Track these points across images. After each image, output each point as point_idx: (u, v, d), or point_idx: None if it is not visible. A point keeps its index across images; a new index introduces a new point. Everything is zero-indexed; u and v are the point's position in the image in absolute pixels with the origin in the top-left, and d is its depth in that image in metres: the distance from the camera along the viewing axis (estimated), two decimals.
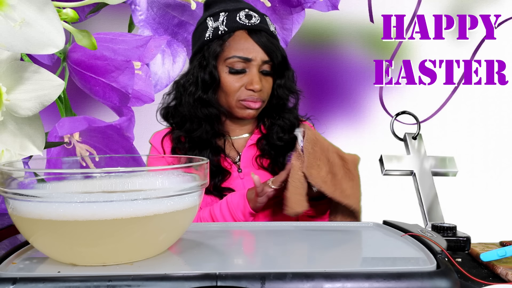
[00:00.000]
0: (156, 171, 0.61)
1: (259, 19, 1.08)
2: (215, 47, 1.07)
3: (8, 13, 0.61)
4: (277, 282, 0.49)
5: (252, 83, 1.06)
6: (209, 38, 1.08)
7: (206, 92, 1.09)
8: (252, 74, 1.07)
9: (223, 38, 1.07)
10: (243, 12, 1.07)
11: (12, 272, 0.53)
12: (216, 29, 1.07)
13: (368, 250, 0.64)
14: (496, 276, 0.70)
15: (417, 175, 1.49)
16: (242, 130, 1.16)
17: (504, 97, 1.79)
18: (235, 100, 1.08)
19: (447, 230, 0.79)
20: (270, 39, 1.08)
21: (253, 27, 1.07)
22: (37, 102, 0.70)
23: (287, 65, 1.13)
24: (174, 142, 1.12)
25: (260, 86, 1.06)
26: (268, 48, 1.07)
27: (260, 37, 1.07)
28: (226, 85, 1.08)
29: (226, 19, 1.07)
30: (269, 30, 1.09)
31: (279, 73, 1.11)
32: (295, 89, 1.16)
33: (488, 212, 1.72)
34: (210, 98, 1.09)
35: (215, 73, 1.08)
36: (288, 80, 1.13)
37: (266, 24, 1.09)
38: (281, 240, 0.69)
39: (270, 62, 1.08)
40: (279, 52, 1.09)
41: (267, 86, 1.09)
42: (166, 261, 0.57)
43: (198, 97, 1.09)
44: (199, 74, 1.09)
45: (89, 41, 0.69)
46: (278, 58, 1.08)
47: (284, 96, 1.13)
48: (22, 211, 0.54)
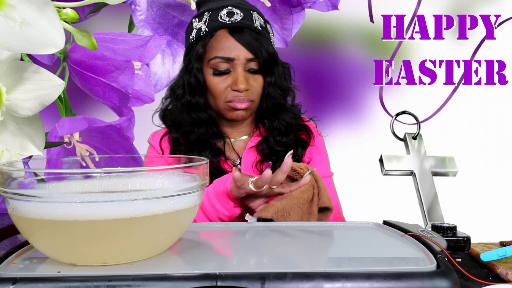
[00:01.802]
0: (156, 171, 0.61)
1: (241, 15, 1.04)
2: (198, 48, 1.05)
3: (8, 13, 0.61)
4: (277, 282, 0.49)
5: (236, 83, 1.03)
6: (193, 40, 1.07)
7: (193, 95, 1.07)
8: (237, 73, 1.04)
9: (205, 39, 1.05)
10: (225, 9, 1.04)
11: (12, 272, 0.53)
12: (199, 30, 1.05)
13: (368, 250, 0.64)
14: (496, 276, 0.70)
15: (417, 175, 1.50)
16: (240, 133, 1.14)
17: (504, 97, 1.79)
18: (222, 102, 1.06)
19: (447, 230, 0.79)
20: (254, 35, 1.04)
21: (234, 25, 1.03)
22: (37, 102, 0.69)
23: (276, 61, 1.08)
24: (173, 143, 1.11)
25: (245, 86, 1.03)
26: (250, 46, 1.03)
27: (242, 35, 1.03)
28: (211, 87, 1.06)
29: (208, 18, 1.05)
30: (253, 26, 1.04)
31: (268, 70, 1.07)
32: (287, 86, 1.12)
33: (488, 212, 1.72)
34: (198, 101, 1.07)
35: (199, 76, 1.05)
36: (278, 77, 1.09)
37: (249, 20, 1.04)
38: (281, 240, 0.69)
39: (255, 59, 1.04)
40: (263, 48, 1.04)
41: (255, 85, 1.06)
42: (166, 261, 0.57)
43: (186, 102, 1.08)
44: (186, 77, 1.07)
45: (89, 41, 0.69)
46: (263, 55, 1.04)
47: (276, 95, 1.09)
48: (22, 211, 0.54)
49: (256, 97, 1.08)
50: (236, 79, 1.03)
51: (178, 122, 1.10)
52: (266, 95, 1.09)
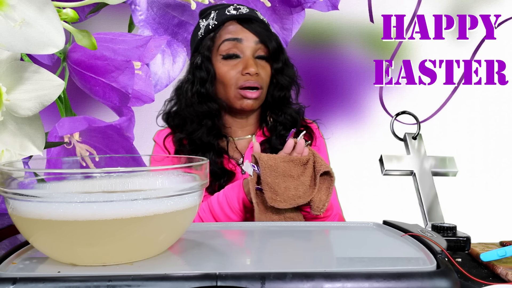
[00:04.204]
0: (156, 171, 0.61)
1: (248, 10, 1.08)
2: (207, 41, 1.08)
3: (8, 13, 0.61)
4: (277, 282, 0.49)
5: (247, 67, 1.05)
6: (201, 36, 1.09)
7: (203, 85, 1.09)
8: (246, 58, 1.06)
9: (215, 31, 1.08)
10: (232, 6, 1.08)
11: (12, 272, 0.53)
12: (207, 25, 1.08)
13: (368, 250, 0.64)
14: (496, 276, 0.70)
15: (417, 175, 1.49)
16: (244, 131, 1.15)
17: (504, 97, 1.79)
18: (233, 89, 1.07)
19: (447, 230, 0.79)
20: (262, 25, 1.08)
21: (242, 16, 1.07)
22: (37, 102, 0.69)
23: (283, 51, 1.11)
24: (177, 145, 1.11)
25: (255, 69, 1.05)
26: (259, 33, 1.06)
27: (251, 24, 1.07)
28: (221, 75, 1.07)
29: (216, 14, 1.08)
30: (259, 19, 1.09)
31: (276, 58, 1.10)
32: (295, 75, 1.14)
33: (488, 212, 1.72)
34: (208, 91, 1.08)
35: (209, 66, 1.07)
36: (285, 65, 1.11)
37: (256, 15, 1.09)
38: (281, 240, 0.69)
39: (263, 45, 1.07)
40: (272, 37, 1.08)
41: (263, 72, 1.08)
42: (166, 261, 0.57)
43: (196, 91, 1.09)
44: (196, 72, 1.09)
45: (89, 41, 0.69)
46: (271, 42, 1.07)
47: (284, 82, 1.11)
48: (22, 211, 0.54)
49: (265, 85, 1.09)
50: (246, 63, 1.05)
51: (184, 121, 1.11)
52: (274, 85, 1.11)
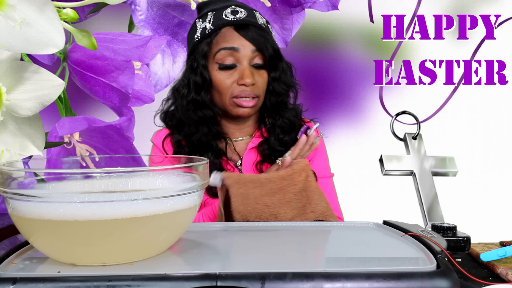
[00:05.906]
0: (156, 171, 0.61)
1: (246, 13, 1.06)
2: (203, 46, 1.06)
3: (8, 13, 0.61)
4: (277, 282, 0.49)
5: (243, 77, 1.03)
6: (198, 39, 1.07)
7: (198, 93, 1.07)
8: (243, 68, 1.04)
9: (211, 37, 1.06)
10: (229, 9, 1.05)
11: (12, 272, 0.53)
12: (203, 29, 1.06)
13: (368, 250, 0.64)
14: (496, 276, 0.70)
15: (417, 175, 1.50)
16: (242, 133, 1.15)
17: (504, 97, 1.80)
18: (228, 98, 1.06)
19: (447, 230, 0.79)
20: (259, 32, 1.05)
21: (239, 22, 1.04)
22: (37, 102, 0.70)
23: (281, 57, 1.09)
24: (175, 146, 1.11)
25: (251, 80, 1.04)
26: (256, 40, 1.04)
27: (247, 31, 1.04)
28: (217, 83, 1.06)
29: (213, 17, 1.06)
30: (257, 24, 1.06)
31: (273, 66, 1.08)
32: (292, 82, 1.13)
33: (488, 212, 1.72)
34: (204, 99, 1.07)
35: (205, 73, 1.06)
36: (283, 73, 1.10)
37: (254, 18, 1.06)
38: (281, 240, 0.69)
39: (260, 53, 1.05)
40: (269, 44, 1.05)
41: (260, 81, 1.07)
42: (166, 261, 0.57)
43: (191, 99, 1.08)
44: (191, 76, 1.08)
45: (89, 41, 0.69)
46: (268, 50, 1.05)
47: (281, 90, 1.10)
48: (22, 211, 0.54)
49: (261, 93, 1.08)
50: (242, 73, 1.04)
51: (181, 122, 1.10)
52: (270, 92, 1.10)
